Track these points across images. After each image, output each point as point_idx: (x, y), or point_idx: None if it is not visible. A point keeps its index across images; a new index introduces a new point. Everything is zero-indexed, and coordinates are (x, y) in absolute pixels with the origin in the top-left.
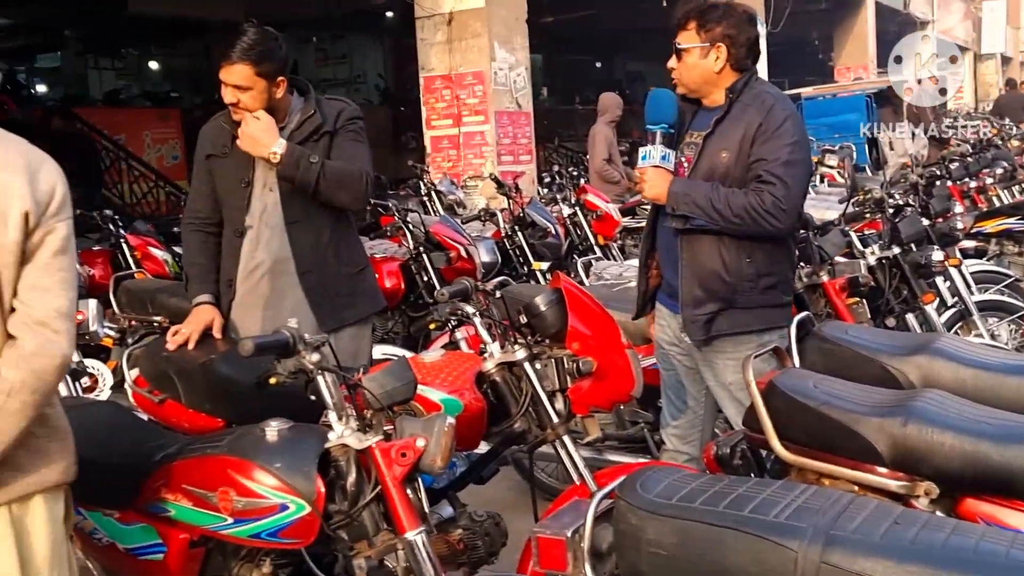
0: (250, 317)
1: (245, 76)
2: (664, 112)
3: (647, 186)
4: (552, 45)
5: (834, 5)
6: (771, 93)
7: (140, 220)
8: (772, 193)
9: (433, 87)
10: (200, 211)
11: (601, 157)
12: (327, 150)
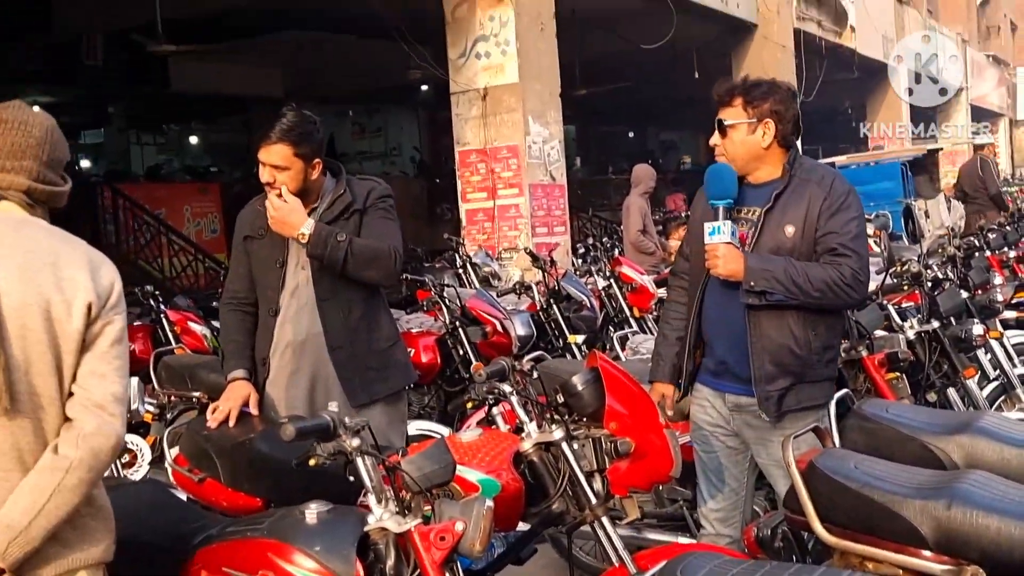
0: (284, 394)
1: (284, 156)
2: (727, 187)
3: (721, 263)
4: (585, 116)
5: (866, 74)
6: (826, 168)
7: (180, 295)
8: (850, 266)
9: (468, 161)
10: (238, 291)
11: (636, 228)
12: (357, 228)
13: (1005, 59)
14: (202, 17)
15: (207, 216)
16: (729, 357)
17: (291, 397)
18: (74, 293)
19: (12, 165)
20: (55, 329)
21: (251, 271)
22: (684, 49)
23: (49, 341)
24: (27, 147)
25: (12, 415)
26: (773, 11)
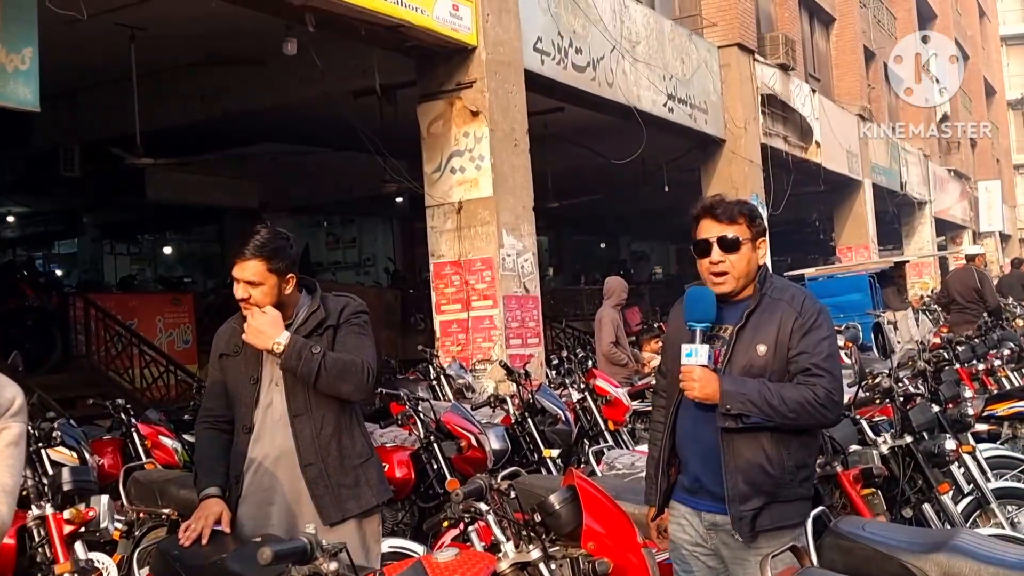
0: (257, 511)
1: (257, 272)
2: (706, 310)
3: (698, 386)
4: (558, 226)
5: (832, 187)
6: (796, 287)
7: (151, 408)
8: (823, 386)
9: (443, 273)
10: (213, 409)
11: (608, 340)
12: (331, 343)
13: (966, 173)
14: (179, 130)
15: (180, 327)
16: (703, 475)
17: (264, 515)
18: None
19: None
20: None
21: (227, 389)
22: (654, 163)
23: None
24: None
25: None
26: (740, 127)
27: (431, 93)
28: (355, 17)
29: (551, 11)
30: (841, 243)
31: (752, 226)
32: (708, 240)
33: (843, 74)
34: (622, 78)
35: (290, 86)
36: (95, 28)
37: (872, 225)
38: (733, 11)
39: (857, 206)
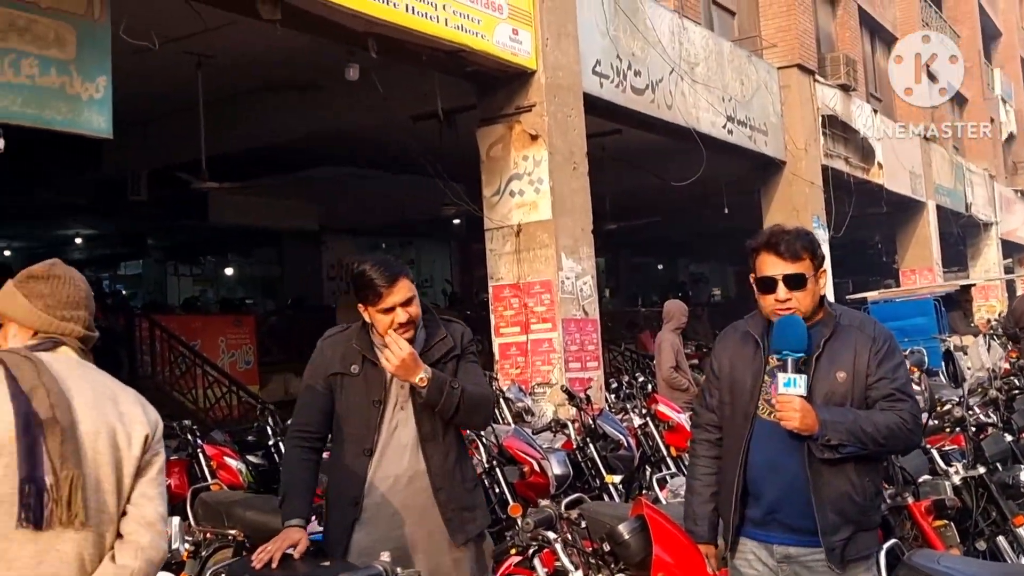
0: (381, 534)
1: (408, 288)
2: (799, 338)
3: (799, 416)
4: (616, 248)
5: (895, 209)
6: (861, 313)
7: (216, 429)
8: (908, 410)
9: (502, 296)
10: (309, 425)
11: (668, 364)
12: (454, 372)
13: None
14: (242, 154)
15: (241, 348)
16: (781, 507)
17: (390, 538)
18: (132, 425)
19: (69, 315)
20: (118, 454)
21: (330, 408)
22: (713, 185)
23: (113, 464)
24: (79, 299)
25: (81, 528)
26: (801, 149)
27: (491, 117)
28: (417, 43)
29: (610, 34)
30: (904, 265)
31: (814, 259)
32: (773, 278)
33: None
34: (681, 100)
35: (351, 111)
36: (163, 57)
37: (936, 247)
38: (793, 32)
39: (921, 228)
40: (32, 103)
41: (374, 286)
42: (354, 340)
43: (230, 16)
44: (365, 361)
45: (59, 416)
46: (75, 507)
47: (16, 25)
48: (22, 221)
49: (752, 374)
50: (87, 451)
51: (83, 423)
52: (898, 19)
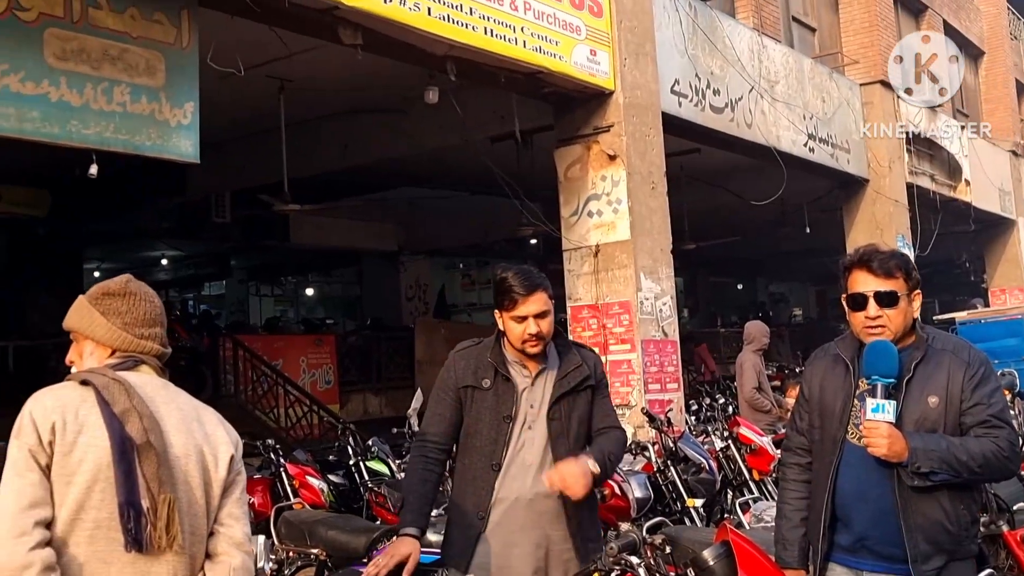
0: (502, 549)
1: (545, 302)
2: (890, 364)
3: (887, 443)
4: (694, 268)
5: (983, 227)
6: (956, 337)
7: (299, 448)
8: (1005, 437)
9: (580, 316)
10: (437, 435)
11: (751, 386)
12: (589, 402)
13: None
14: (323, 176)
15: (322, 367)
16: (871, 533)
17: (516, 554)
18: (217, 446)
19: (147, 332)
20: (207, 476)
21: (457, 420)
22: (794, 204)
23: (203, 486)
24: (155, 316)
25: (180, 551)
26: (885, 166)
27: (568, 137)
28: (495, 65)
29: (688, 53)
30: (994, 285)
31: (908, 279)
32: (864, 294)
33: (993, 109)
34: (761, 118)
35: (430, 133)
36: (247, 82)
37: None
38: (875, 47)
39: (1010, 246)
40: (124, 129)
41: (511, 292)
42: (488, 354)
43: (313, 41)
44: (497, 375)
45: (153, 440)
46: (173, 530)
47: (109, 55)
48: (110, 244)
49: (842, 398)
50: (179, 474)
51: (174, 446)
52: (985, 32)
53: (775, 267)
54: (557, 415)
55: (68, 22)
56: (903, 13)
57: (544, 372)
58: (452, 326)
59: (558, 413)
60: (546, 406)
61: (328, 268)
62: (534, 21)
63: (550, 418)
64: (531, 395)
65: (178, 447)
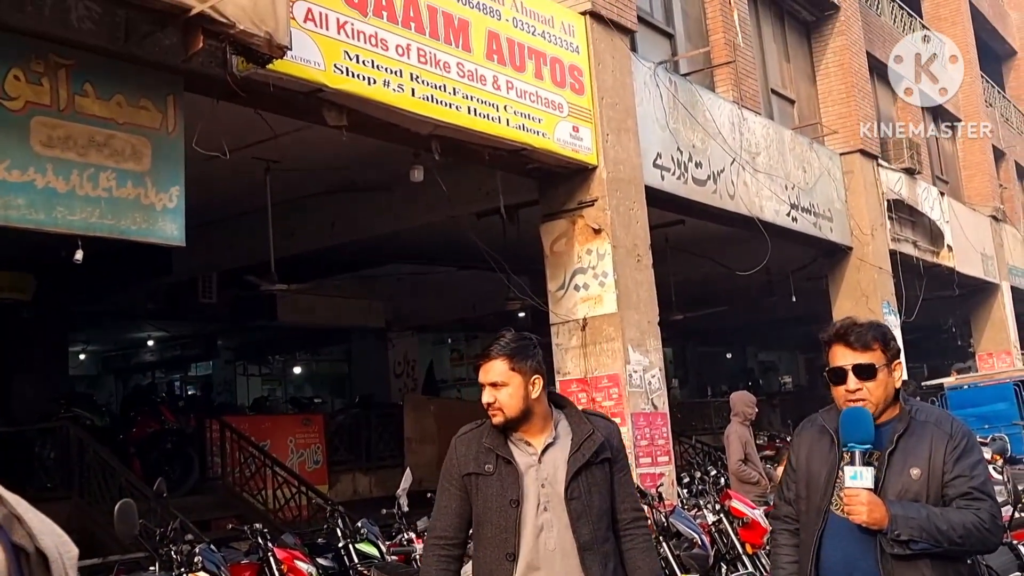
0: None
1: (501, 372)
2: (866, 430)
3: (866, 510)
4: (683, 338)
5: (968, 292)
6: (939, 409)
7: (287, 532)
8: (987, 510)
9: (569, 390)
10: (446, 530)
11: (737, 458)
12: (608, 476)
13: None
14: (310, 255)
15: (310, 447)
16: None
17: None
18: (71, 549)
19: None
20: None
21: (465, 511)
22: (780, 272)
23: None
24: None
25: None
26: (867, 234)
27: (553, 212)
28: (480, 143)
29: (670, 127)
30: (981, 349)
31: (887, 350)
32: (843, 368)
33: (972, 175)
34: (743, 189)
35: (416, 210)
36: (233, 163)
37: (1013, 329)
38: (853, 117)
39: (996, 310)
40: (109, 214)
41: (479, 355)
42: (485, 437)
43: (298, 123)
44: (499, 459)
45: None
46: None
47: (95, 141)
48: (95, 326)
49: (827, 469)
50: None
51: (49, 550)
52: (960, 100)
53: (763, 335)
54: (576, 494)
55: (55, 110)
56: (879, 83)
57: (552, 446)
58: (441, 402)
59: (577, 491)
60: (561, 484)
61: (316, 346)
62: (517, 99)
63: (568, 498)
64: (541, 473)
65: (52, 552)
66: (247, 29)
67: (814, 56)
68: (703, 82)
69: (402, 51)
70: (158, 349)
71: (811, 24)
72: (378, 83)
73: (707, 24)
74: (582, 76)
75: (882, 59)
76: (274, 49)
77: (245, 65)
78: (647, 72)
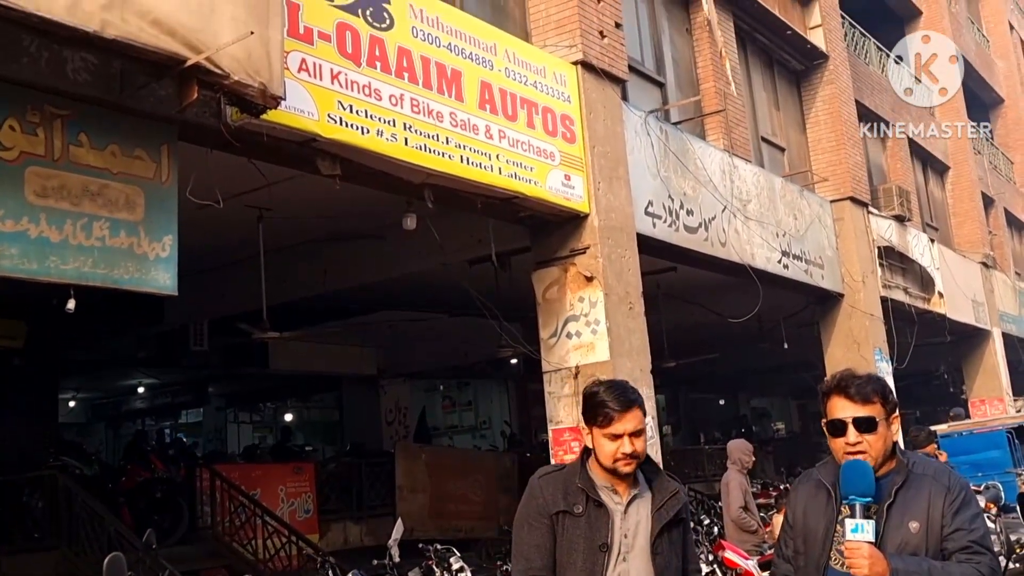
0: None
1: (640, 420)
2: (867, 483)
3: (867, 564)
4: (674, 384)
5: (959, 338)
6: (936, 462)
7: None
8: (987, 563)
9: (562, 439)
10: (543, 570)
11: (736, 505)
12: (681, 536)
13: None
14: (302, 303)
15: (301, 496)
16: None
17: None
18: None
19: None
20: None
21: (553, 548)
22: (771, 319)
23: None
24: None
25: None
26: (859, 281)
27: (545, 260)
28: (472, 192)
29: (661, 175)
30: (973, 395)
31: (886, 404)
32: (843, 420)
33: (962, 222)
34: (735, 237)
35: (408, 258)
36: (226, 211)
37: (1005, 376)
38: (844, 165)
39: (987, 356)
40: (102, 264)
41: (605, 408)
42: (576, 478)
43: (291, 171)
44: (589, 500)
45: None
46: None
47: (89, 191)
48: (86, 373)
49: (825, 523)
50: None
51: None
52: (949, 148)
53: (756, 382)
54: (660, 549)
55: (49, 160)
56: (869, 130)
57: (637, 499)
58: (433, 451)
59: (661, 547)
60: (643, 536)
61: (307, 393)
62: (509, 148)
63: (655, 552)
64: (625, 523)
65: None
66: (242, 80)
67: (804, 104)
68: (694, 130)
69: (395, 101)
70: (149, 396)
71: (800, 73)
72: (371, 132)
73: (698, 73)
74: (574, 125)
75: (871, 107)
76: (268, 100)
77: (239, 115)
78: (638, 121)
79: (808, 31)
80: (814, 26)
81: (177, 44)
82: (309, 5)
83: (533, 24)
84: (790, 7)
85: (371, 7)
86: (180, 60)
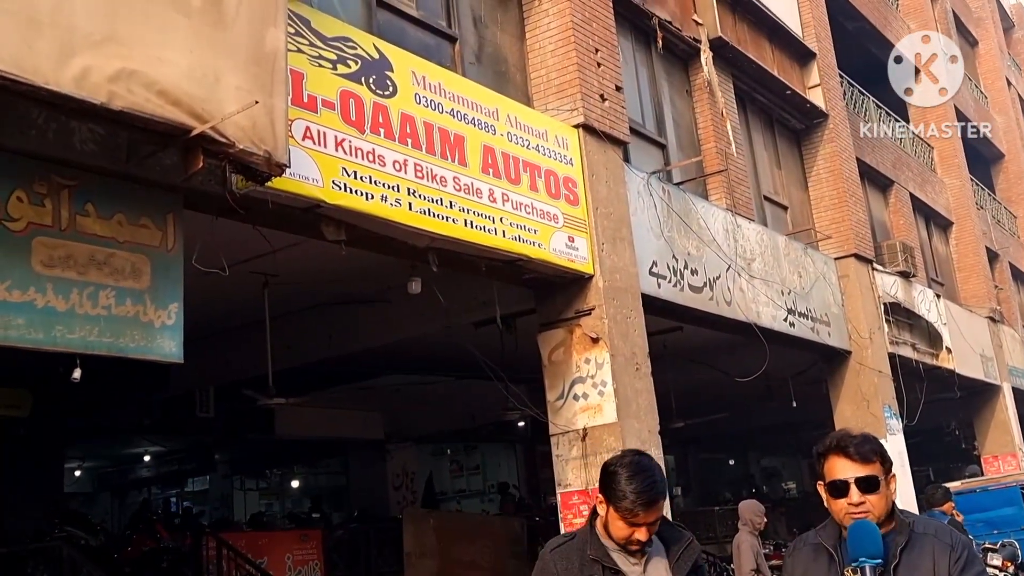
0: None
1: (661, 509)
2: (875, 544)
3: None
4: (683, 445)
5: (969, 393)
6: (936, 520)
7: None
8: None
9: (571, 503)
10: None
11: (749, 567)
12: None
13: None
14: (307, 368)
15: (308, 564)
16: None
17: None
18: None
19: None
20: None
21: None
22: (779, 378)
23: None
24: None
25: None
26: (865, 338)
27: (551, 321)
28: (476, 255)
29: (664, 235)
30: (985, 451)
31: (884, 463)
32: (845, 481)
33: (967, 277)
34: (740, 295)
35: (414, 321)
36: (231, 278)
37: (1017, 431)
38: (847, 223)
39: (998, 412)
40: (108, 332)
41: (629, 503)
42: (588, 549)
43: (296, 237)
44: (606, 570)
45: None
46: None
47: (95, 260)
48: (91, 442)
49: None
50: None
51: None
52: (951, 203)
53: (765, 441)
54: None
55: (56, 230)
56: (871, 188)
57: (653, 558)
58: (441, 515)
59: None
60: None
61: (314, 459)
62: (513, 211)
63: None
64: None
65: None
66: (247, 148)
67: (805, 163)
68: (696, 190)
69: (399, 166)
70: (154, 464)
71: (801, 132)
72: (376, 198)
73: (699, 134)
74: (576, 187)
75: (872, 164)
76: (273, 167)
77: (244, 183)
78: (640, 182)
79: (807, 91)
80: (813, 85)
81: (182, 114)
82: (313, 74)
83: (534, 88)
84: (789, 67)
85: (374, 75)
86: (185, 129)
